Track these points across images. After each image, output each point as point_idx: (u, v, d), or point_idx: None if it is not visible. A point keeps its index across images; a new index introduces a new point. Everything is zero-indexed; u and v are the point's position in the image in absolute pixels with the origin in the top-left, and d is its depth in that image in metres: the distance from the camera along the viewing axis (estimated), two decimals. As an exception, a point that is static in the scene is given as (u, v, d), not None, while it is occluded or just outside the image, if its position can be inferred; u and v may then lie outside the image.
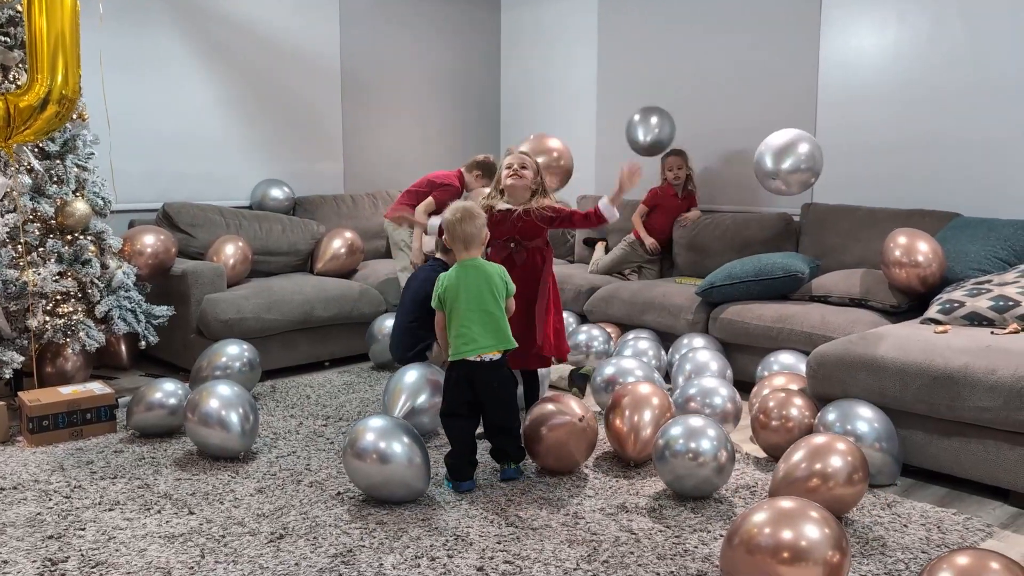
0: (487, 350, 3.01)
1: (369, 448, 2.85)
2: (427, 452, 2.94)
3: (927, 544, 2.63)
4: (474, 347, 3.00)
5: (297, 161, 5.77)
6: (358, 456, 2.87)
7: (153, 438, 3.59)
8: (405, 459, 2.85)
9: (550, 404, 3.22)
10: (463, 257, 3.08)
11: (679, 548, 2.61)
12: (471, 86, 6.75)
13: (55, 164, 3.93)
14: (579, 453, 3.19)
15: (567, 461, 3.19)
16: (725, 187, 5.42)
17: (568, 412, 3.16)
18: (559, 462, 3.18)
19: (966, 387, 2.96)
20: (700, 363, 3.96)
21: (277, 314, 4.51)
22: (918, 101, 4.56)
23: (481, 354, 3.01)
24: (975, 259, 3.83)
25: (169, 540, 2.65)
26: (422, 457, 2.89)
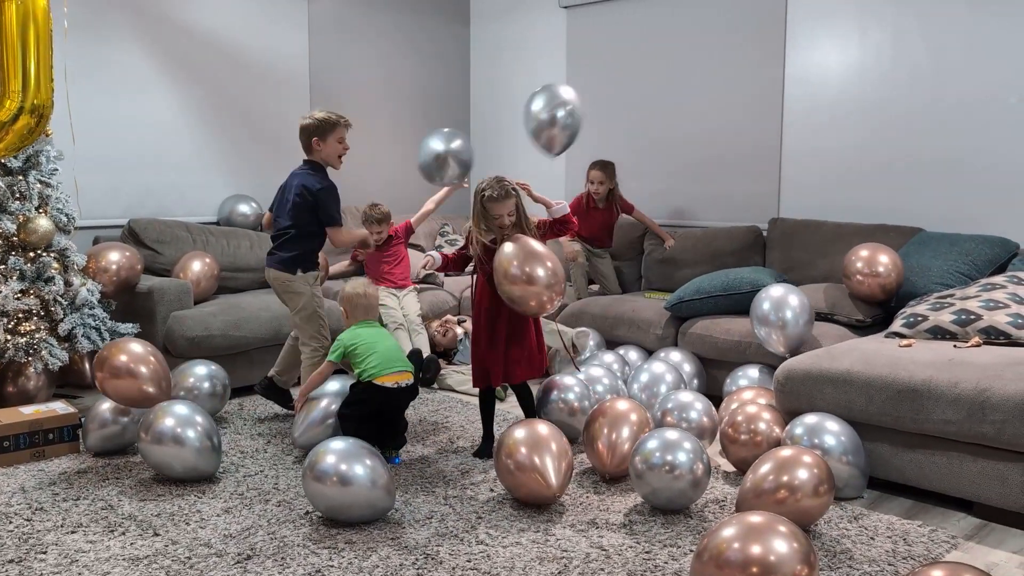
0: (398, 371, 3.46)
1: (330, 471, 2.83)
2: (389, 472, 2.91)
3: (894, 556, 2.66)
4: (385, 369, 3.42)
5: (265, 176, 5.72)
6: (318, 479, 2.84)
7: (116, 457, 3.53)
8: (368, 481, 2.83)
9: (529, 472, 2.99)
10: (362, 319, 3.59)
11: (649, 564, 2.61)
12: (440, 100, 6.76)
13: (17, 180, 3.88)
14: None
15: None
16: (693, 200, 5.47)
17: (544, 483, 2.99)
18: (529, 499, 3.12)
19: (930, 400, 3.00)
20: (656, 375, 4.01)
21: (245, 331, 4.46)
22: (881, 117, 4.64)
23: (396, 379, 3.44)
24: (938, 274, 3.90)
25: (134, 563, 2.60)
26: (385, 478, 2.87)
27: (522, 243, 3.27)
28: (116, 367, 3.45)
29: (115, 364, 3.45)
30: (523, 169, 6.51)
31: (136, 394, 3.45)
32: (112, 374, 3.44)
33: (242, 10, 5.54)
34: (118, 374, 3.44)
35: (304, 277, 3.75)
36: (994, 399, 2.87)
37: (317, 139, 3.70)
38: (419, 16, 6.53)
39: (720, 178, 5.34)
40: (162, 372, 3.54)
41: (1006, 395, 2.85)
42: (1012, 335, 3.32)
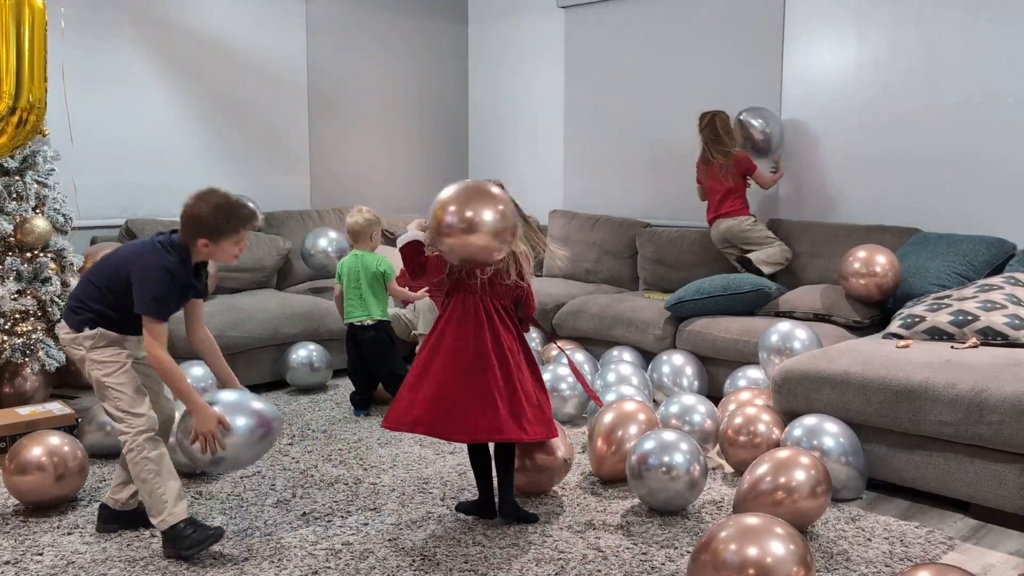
0: (360, 318, 4.17)
1: None
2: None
3: (890, 558, 2.66)
4: (352, 316, 4.19)
5: (263, 176, 5.73)
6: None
7: (113, 458, 3.52)
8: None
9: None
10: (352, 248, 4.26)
11: (646, 565, 2.61)
12: (438, 100, 6.75)
13: (14, 180, 3.87)
14: (553, 483, 3.19)
15: (540, 489, 3.17)
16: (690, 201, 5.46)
17: (552, 452, 3.07)
18: (531, 487, 3.15)
19: (927, 401, 3.00)
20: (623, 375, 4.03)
21: (243, 331, 4.46)
22: (879, 118, 4.63)
23: (360, 320, 4.18)
24: (935, 275, 3.90)
25: (130, 564, 2.60)
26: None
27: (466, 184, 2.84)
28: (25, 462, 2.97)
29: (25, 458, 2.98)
30: (522, 169, 6.53)
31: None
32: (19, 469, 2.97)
33: (240, 10, 5.53)
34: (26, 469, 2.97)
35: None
36: (991, 400, 2.87)
37: (207, 241, 2.67)
38: (417, 17, 6.52)
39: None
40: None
41: (1003, 396, 2.85)
42: (1009, 336, 3.32)
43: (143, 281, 2.61)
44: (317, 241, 5.24)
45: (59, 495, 3.00)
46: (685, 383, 4.13)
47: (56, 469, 2.95)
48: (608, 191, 5.94)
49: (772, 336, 3.80)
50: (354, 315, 4.21)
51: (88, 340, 2.66)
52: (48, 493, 2.96)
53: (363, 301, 4.18)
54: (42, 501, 2.97)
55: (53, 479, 2.95)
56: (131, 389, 2.67)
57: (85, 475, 3.09)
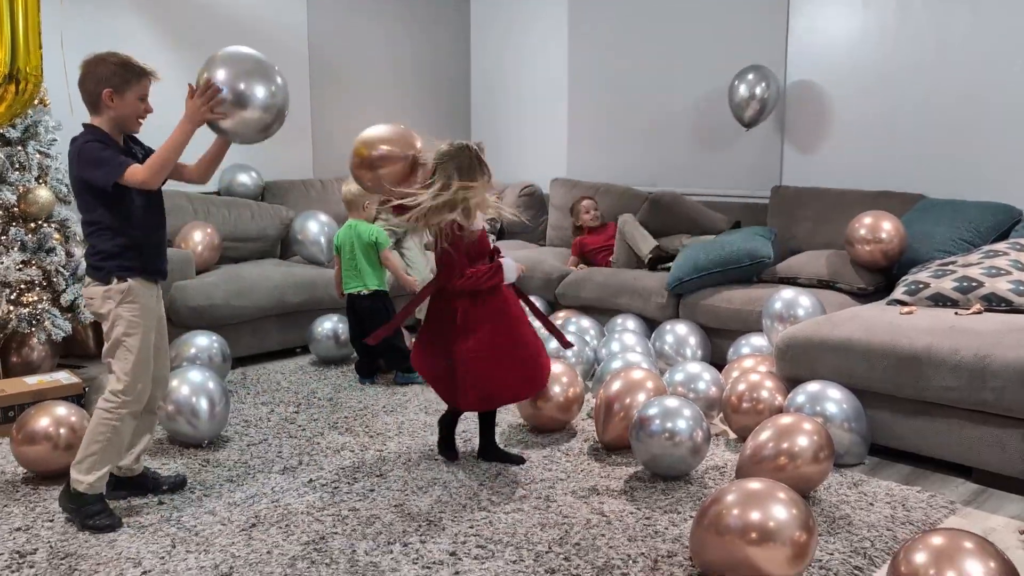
0: (356, 288, 4.18)
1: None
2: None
3: (892, 522, 2.68)
4: (349, 286, 4.21)
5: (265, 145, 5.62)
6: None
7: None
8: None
9: None
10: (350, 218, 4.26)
11: (649, 530, 2.63)
12: (441, 71, 6.70)
13: (16, 151, 3.87)
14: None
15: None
16: (695, 170, 5.44)
17: None
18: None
19: (930, 367, 3.01)
20: (627, 344, 4.06)
21: (247, 301, 4.48)
22: (884, 85, 4.59)
23: (357, 290, 4.19)
24: (940, 241, 3.89)
25: (139, 530, 2.63)
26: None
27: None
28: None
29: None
30: (525, 138, 6.50)
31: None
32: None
33: (240, -23, 5.48)
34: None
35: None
36: (994, 366, 2.87)
37: (111, 91, 2.65)
38: (419, -17, 6.46)
39: (722, 147, 5.31)
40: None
41: (1006, 362, 2.86)
42: (1014, 302, 3.32)
43: (87, 163, 2.57)
44: (306, 224, 5.10)
45: (67, 464, 3.01)
46: (688, 352, 4.14)
47: (63, 439, 2.98)
48: (611, 160, 5.91)
49: (776, 303, 3.80)
50: (350, 285, 4.21)
51: (119, 293, 2.63)
52: (56, 462, 2.99)
53: (358, 271, 4.18)
54: (50, 470, 3.00)
55: (61, 448, 2.97)
56: (143, 357, 2.67)
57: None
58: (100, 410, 2.64)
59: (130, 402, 2.65)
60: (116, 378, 2.65)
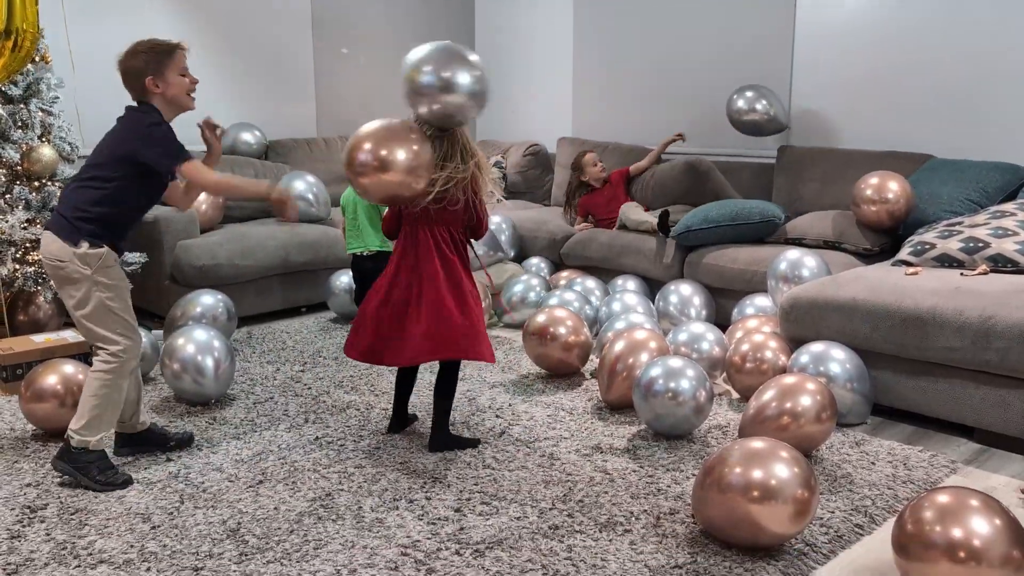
0: (358, 249, 4.09)
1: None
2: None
3: (894, 481, 2.70)
4: (351, 247, 4.12)
5: (268, 103, 5.67)
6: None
7: (129, 385, 3.58)
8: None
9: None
10: None
11: (652, 487, 2.66)
12: (445, 28, 6.62)
13: (19, 108, 3.85)
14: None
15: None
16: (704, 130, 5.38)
17: None
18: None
19: (935, 328, 3.01)
20: (628, 304, 4.06)
21: (252, 260, 4.48)
22: (893, 44, 4.53)
23: (359, 251, 4.09)
24: (947, 201, 3.87)
25: (148, 486, 2.66)
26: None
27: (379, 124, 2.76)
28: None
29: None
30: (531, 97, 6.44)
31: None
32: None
33: (241, -69, 5.40)
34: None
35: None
36: (999, 327, 2.87)
37: (152, 78, 2.67)
38: (422, -63, 6.36)
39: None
40: None
41: (1011, 323, 2.86)
42: (1020, 263, 3.31)
43: (150, 141, 2.61)
44: (291, 183, 5.04)
45: (76, 420, 3.06)
46: (693, 313, 4.13)
47: (71, 396, 3.00)
48: (617, 118, 5.86)
49: (781, 264, 3.80)
50: (353, 246, 4.13)
51: (96, 259, 2.59)
52: (64, 419, 3.00)
53: (359, 232, 4.08)
54: (59, 427, 3.02)
55: (68, 406, 3.00)
56: (130, 313, 2.69)
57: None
58: (98, 372, 2.62)
59: (130, 358, 2.66)
60: (109, 340, 2.63)
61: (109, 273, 2.63)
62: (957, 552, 1.91)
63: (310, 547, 2.30)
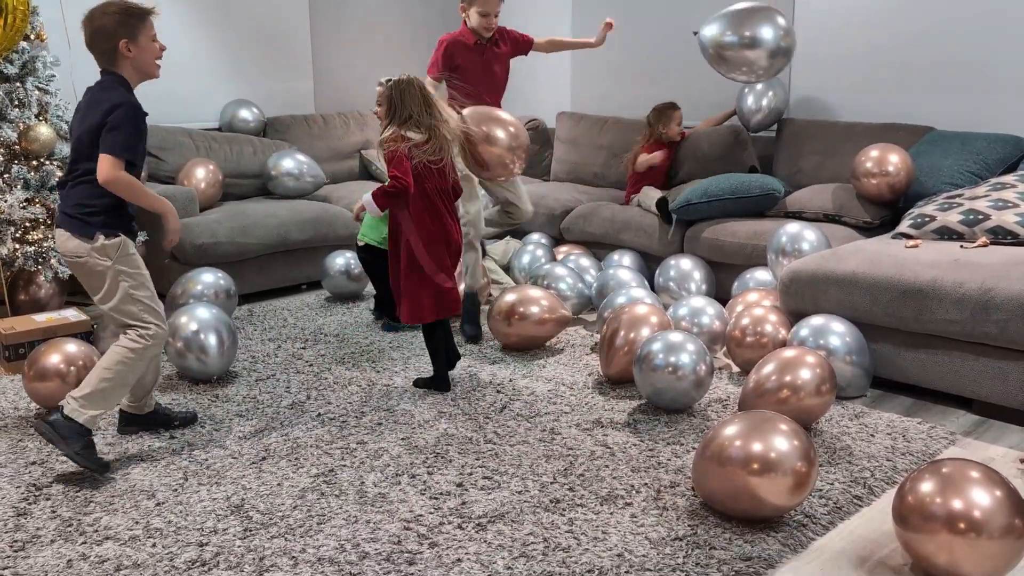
0: (360, 237, 3.94)
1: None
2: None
3: (892, 453, 2.72)
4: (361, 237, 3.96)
5: (266, 80, 5.64)
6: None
7: (131, 364, 3.59)
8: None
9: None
10: None
11: (653, 461, 2.68)
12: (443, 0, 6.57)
13: (15, 87, 3.82)
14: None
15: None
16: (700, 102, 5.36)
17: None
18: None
19: (934, 300, 3.01)
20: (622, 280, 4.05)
21: (252, 238, 4.47)
22: (894, 16, 4.49)
23: (360, 240, 3.94)
24: (948, 174, 3.86)
25: (151, 463, 2.68)
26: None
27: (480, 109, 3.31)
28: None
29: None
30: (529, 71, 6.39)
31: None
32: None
33: (235, -95, 5.35)
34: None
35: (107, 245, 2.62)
36: (998, 299, 2.88)
37: (127, 41, 2.57)
38: (419, -90, 6.29)
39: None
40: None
41: (1010, 295, 2.86)
42: (1020, 235, 3.31)
43: (130, 124, 2.54)
44: (280, 162, 5.05)
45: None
46: (693, 287, 4.14)
47: (74, 375, 3.01)
48: (617, 93, 5.83)
49: (781, 237, 3.79)
50: (359, 235, 4.00)
51: (115, 248, 2.60)
52: None
53: (362, 223, 3.91)
54: None
55: (71, 385, 3.00)
56: (156, 300, 2.70)
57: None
58: (123, 347, 2.61)
59: (156, 343, 2.66)
60: (141, 324, 2.63)
61: (129, 261, 2.64)
62: (957, 523, 1.93)
63: (314, 522, 2.32)
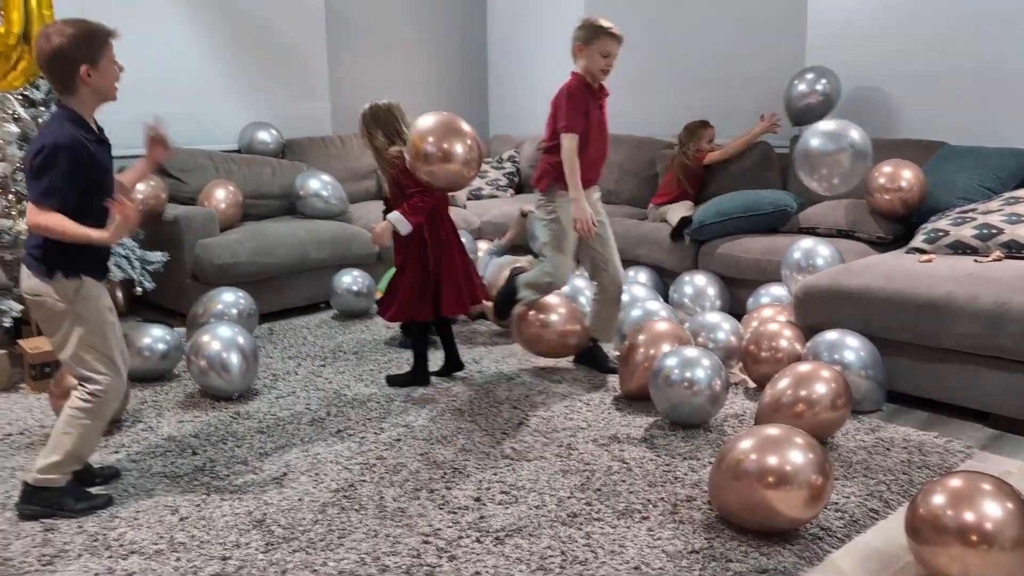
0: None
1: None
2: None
3: (909, 466, 2.73)
4: None
5: (283, 102, 5.72)
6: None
7: (153, 383, 3.64)
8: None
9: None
10: None
11: (669, 475, 2.70)
12: (458, 22, 6.66)
13: (40, 112, 3.91)
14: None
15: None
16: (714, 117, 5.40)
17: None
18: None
19: (949, 315, 3.02)
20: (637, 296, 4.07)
21: (272, 257, 4.54)
22: (907, 30, 4.52)
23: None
24: (961, 188, 3.87)
25: (175, 480, 2.73)
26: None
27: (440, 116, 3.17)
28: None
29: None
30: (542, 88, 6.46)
31: None
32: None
33: (254, -68, 5.46)
34: None
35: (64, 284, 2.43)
36: (1013, 312, 2.88)
37: (87, 67, 2.36)
38: (434, -66, 6.40)
39: (742, 94, 5.26)
40: None
41: (1025, 308, 2.87)
42: (1034, 249, 3.31)
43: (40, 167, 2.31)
44: (307, 181, 5.14)
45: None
46: (707, 303, 4.16)
47: None
48: (629, 109, 5.86)
49: (795, 253, 3.82)
50: None
51: (73, 291, 2.41)
52: None
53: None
54: None
55: None
56: (114, 349, 2.49)
57: (127, 399, 3.20)
58: (74, 408, 2.45)
59: (109, 399, 2.49)
60: (89, 379, 2.45)
61: (89, 306, 2.43)
62: (969, 536, 1.94)
63: (334, 536, 2.36)
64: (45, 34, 2.35)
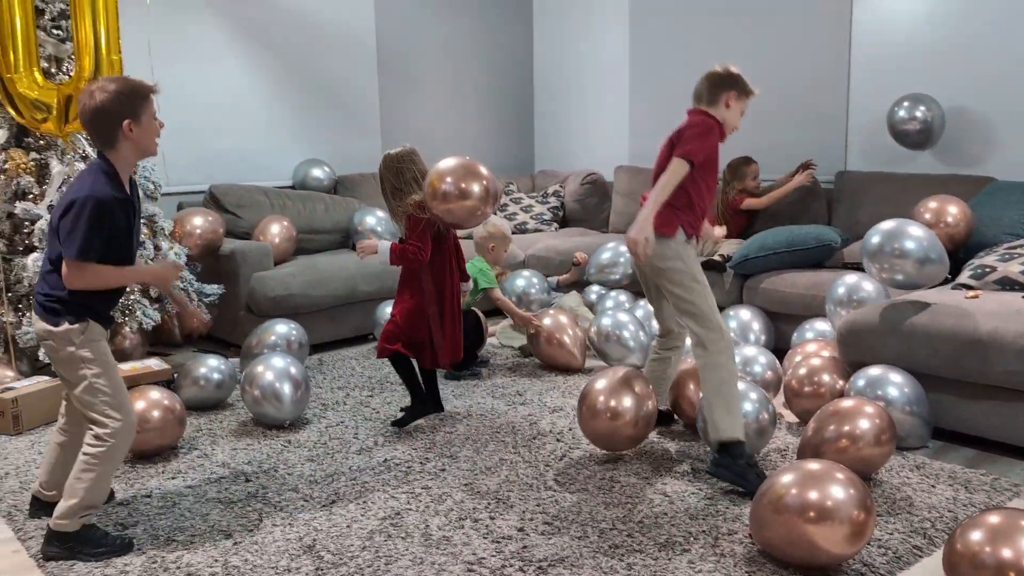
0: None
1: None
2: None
3: (954, 504, 2.71)
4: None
5: (336, 139, 5.91)
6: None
7: (208, 411, 3.77)
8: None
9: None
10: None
11: (711, 509, 2.72)
12: (504, 61, 6.82)
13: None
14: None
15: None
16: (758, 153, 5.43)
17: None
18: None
19: (995, 351, 3.01)
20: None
21: (323, 290, 4.67)
22: (952, 65, 4.53)
23: None
24: (1008, 224, 3.85)
25: (228, 505, 2.82)
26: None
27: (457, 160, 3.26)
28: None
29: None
30: (588, 126, 6.56)
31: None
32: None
33: (310, -23, 5.68)
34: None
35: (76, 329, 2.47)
36: (1061, 349, 2.86)
37: (130, 121, 2.42)
38: (482, -25, 6.58)
39: (786, 130, 5.29)
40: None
41: (1073, 345, 2.85)
42: (1084, 285, 3.28)
43: (71, 223, 2.35)
44: (364, 218, 5.30)
45: (161, 445, 3.25)
46: (752, 337, 4.17)
47: (156, 420, 3.19)
48: (675, 146, 5.93)
49: (839, 288, 3.82)
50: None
51: (79, 335, 2.45)
52: (151, 442, 3.21)
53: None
54: (147, 449, 3.22)
55: (156, 429, 3.19)
56: (122, 389, 2.53)
57: (183, 426, 3.33)
58: (86, 455, 2.47)
59: (120, 442, 2.50)
60: (98, 422, 2.47)
61: (95, 348, 2.48)
62: (1007, 572, 1.93)
63: (381, 563, 2.42)
64: (88, 91, 2.40)
